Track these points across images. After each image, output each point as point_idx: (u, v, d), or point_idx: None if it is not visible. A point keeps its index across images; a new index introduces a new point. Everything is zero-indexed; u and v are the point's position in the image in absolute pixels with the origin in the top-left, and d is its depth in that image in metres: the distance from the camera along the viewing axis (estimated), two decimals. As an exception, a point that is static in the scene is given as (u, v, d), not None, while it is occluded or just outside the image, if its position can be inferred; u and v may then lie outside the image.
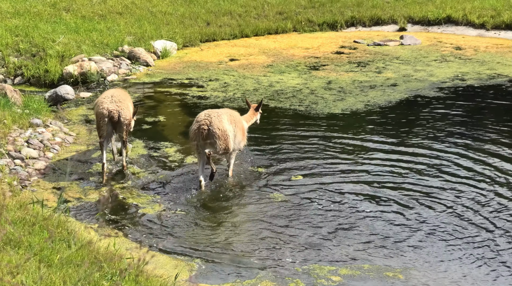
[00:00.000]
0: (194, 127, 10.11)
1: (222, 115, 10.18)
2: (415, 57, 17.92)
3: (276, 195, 10.00)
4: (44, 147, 11.38)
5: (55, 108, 13.61)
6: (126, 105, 10.70)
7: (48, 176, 10.51)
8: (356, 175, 10.63)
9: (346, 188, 10.18)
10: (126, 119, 10.56)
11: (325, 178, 10.52)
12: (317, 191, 10.08)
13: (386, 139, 12.13)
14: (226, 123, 10.14)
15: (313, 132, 12.48)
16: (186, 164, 11.03)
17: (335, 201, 9.80)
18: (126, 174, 10.70)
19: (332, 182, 10.38)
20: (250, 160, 11.29)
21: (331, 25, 21.14)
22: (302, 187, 10.24)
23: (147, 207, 9.61)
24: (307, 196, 9.96)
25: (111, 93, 10.89)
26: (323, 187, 10.21)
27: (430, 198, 9.85)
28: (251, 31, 20.12)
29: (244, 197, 9.99)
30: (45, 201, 9.35)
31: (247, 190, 10.22)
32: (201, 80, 15.79)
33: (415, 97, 14.53)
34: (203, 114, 10.20)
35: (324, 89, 15.06)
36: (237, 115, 10.61)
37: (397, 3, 22.39)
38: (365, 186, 10.25)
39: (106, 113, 10.50)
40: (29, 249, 6.83)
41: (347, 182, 10.37)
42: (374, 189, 10.17)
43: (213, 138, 9.97)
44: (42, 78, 15.37)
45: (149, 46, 17.60)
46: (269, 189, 10.21)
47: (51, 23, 18.23)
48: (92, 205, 9.70)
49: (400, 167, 10.93)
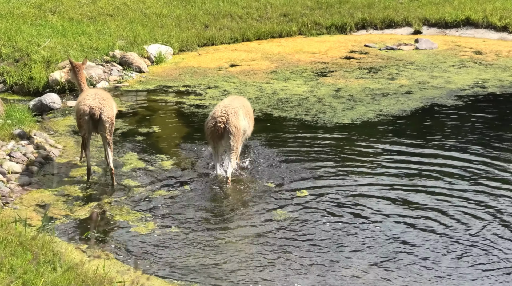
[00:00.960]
0: (210, 124, 10.76)
1: (239, 111, 10.87)
2: (432, 63, 17.92)
3: (279, 212, 9.96)
4: (28, 161, 11.36)
5: (40, 118, 13.60)
6: (109, 104, 10.87)
7: (32, 193, 10.48)
8: (367, 191, 10.59)
9: (356, 205, 10.13)
10: (108, 117, 10.71)
11: (333, 194, 10.47)
12: (324, 208, 10.03)
13: (401, 152, 12.09)
14: (242, 119, 10.87)
15: (320, 143, 12.45)
16: (183, 179, 11.00)
17: (343, 219, 9.74)
18: (115, 188, 10.70)
19: (340, 198, 10.33)
20: (251, 173, 11.26)
21: (339, 28, 21.18)
22: (307, 204, 10.20)
23: (139, 225, 9.57)
24: (312, 213, 9.91)
25: (94, 92, 11.13)
26: (330, 204, 10.16)
27: (453, 219, 9.78)
28: (253, 34, 20.15)
29: (244, 215, 9.95)
30: (29, 220, 9.32)
31: (248, 207, 10.19)
32: (199, 88, 15.79)
33: (431, 106, 14.52)
34: (219, 109, 10.83)
35: (332, 97, 15.06)
36: (248, 104, 11.45)
37: (412, 4, 22.43)
38: (377, 203, 10.21)
39: (87, 109, 10.64)
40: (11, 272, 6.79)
41: (357, 199, 10.32)
42: (387, 206, 10.12)
43: (228, 135, 10.68)
44: (26, 85, 15.37)
45: (142, 51, 17.61)
46: (272, 205, 10.17)
47: (36, 25, 18.26)
48: (80, 223, 9.66)
49: (416, 182, 10.89)
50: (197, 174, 11.20)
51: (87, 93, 11.08)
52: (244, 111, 11.07)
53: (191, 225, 9.62)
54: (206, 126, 10.91)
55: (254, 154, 11.94)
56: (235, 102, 11.21)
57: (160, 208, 10.09)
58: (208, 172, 11.23)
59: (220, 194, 10.58)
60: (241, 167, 11.41)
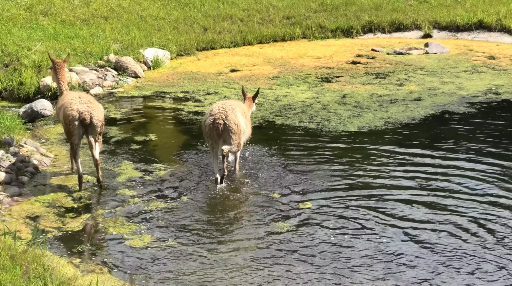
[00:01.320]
0: (209, 122, 10.86)
1: (236, 108, 10.99)
2: (442, 68, 17.93)
3: (281, 224, 9.94)
4: (18, 171, 11.36)
5: (30, 126, 13.61)
6: (97, 106, 10.96)
7: (22, 204, 10.48)
8: (374, 203, 10.55)
9: (362, 218, 10.10)
10: (99, 120, 10.82)
11: (337, 206, 10.45)
12: (328, 221, 10.01)
13: (409, 162, 12.08)
14: (240, 117, 10.95)
15: (324, 153, 12.43)
16: (181, 190, 10.99)
17: (348, 232, 9.71)
18: (103, 190, 10.78)
19: (346, 211, 10.30)
20: (252, 184, 11.25)
21: (345, 31, 21.24)
22: (311, 216, 10.17)
23: (134, 238, 9.56)
24: (316, 225, 9.88)
25: (77, 95, 11.13)
26: (335, 216, 10.14)
27: (465, 232, 9.76)
28: (255, 38, 20.20)
29: (244, 227, 9.93)
30: (18, 233, 9.31)
31: (248, 218, 10.17)
32: (198, 94, 15.80)
33: (442, 113, 14.52)
34: (216, 107, 10.95)
35: (337, 104, 15.06)
36: (244, 107, 11.53)
37: (421, 6, 22.48)
38: (384, 215, 10.19)
39: (76, 115, 10.70)
40: (0, 287, 6.79)
41: (363, 211, 10.30)
42: (394, 219, 10.10)
43: (228, 133, 10.78)
44: (16, 91, 15.39)
45: (138, 55, 17.64)
46: (273, 217, 10.15)
47: (27, 28, 18.29)
48: (72, 235, 9.65)
49: (425, 194, 10.86)
50: (195, 184, 11.19)
51: (71, 97, 11.04)
52: (241, 111, 11.17)
53: (189, 238, 9.60)
54: (204, 124, 10.99)
55: (255, 164, 11.93)
56: (232, 101, 11.41)
57: (157, 220, 10.07)
58: (207, 182, 11.22)
59: (220, 205, 10.57)
60: (241, 176, 11.41)
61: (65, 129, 10.95)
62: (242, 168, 11.73)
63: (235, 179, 11.40)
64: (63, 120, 10.93)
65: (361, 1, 22.72)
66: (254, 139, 12.91)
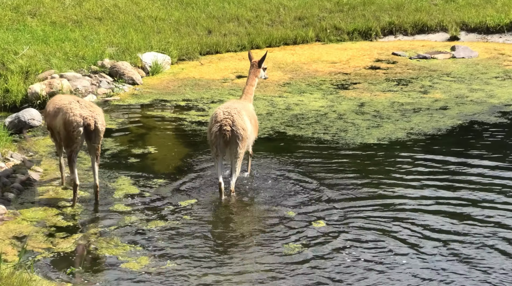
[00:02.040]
0: (215, 129, 10.96)
1: (242, 111, 11.10)
2: (471, 74, 17.93)
3: (292, 246, 9.93)
4: (3, 187, 11.39)
5: (17, 137, 13.65)
6: (99, 110, 11.09)
7: (8, 223, 10.49)
8: (392, 222, 10.51)
9: (380, 239, 10.06)
10: (103, 125, 10.94)
11: (353, 225, 10.42)
12: (343, 241, 9.99)
13: (435, 177, 12.06)
14: (247, 121, 11.10)
15: (340, 167, 12.43)
16: (182, 207, 11.00)
17: (365, 254, 9.68)
18: (102, 215, 10.75)
19: (362, 233, 10.25)
20: (259, 200, 11.27)
21: (363, 34, 21.26)
22: (324, 236, 10.15)
23: (130, 260, 9.57)
24: (330, 246, 9.85)
25: (74, 99, 11.23)
26: (350, 236, 10.12)
27: (495, 251, 9.74)
28: (263, 41, 20.23)
29: (251, 248, 9.90)
30: (4, 255, 9.32)
31: (256, 238, 10.16)
32: (201, 102, 15.83)
33: (471, 124, 14.51)
34: (221, 112, 11.04)
35: (355, 113, 15.07)
36: (250, 107, 11.68)
37: (447, 6, 22.49)
38: (404, 236, 10.16)
39: (80, 120, 10.77)
40: (-16, 314, 6.80)
41: (382, 232, 10.26)
42: (417, 240, 10.07)
43: (236, 139, 10.91)
44: (1, 99, 15.44)
45: (136, 60, 17.70)
46: (283, 236, 10.14)
47: (13, 30, 18.38)
48: (63, 257, 9.66)
49: (453, 212, 10.83)
50: (198, 201, 11.20)
51: (69, 101, 11.10)
52: (247, 114, 11.28)
53: (191, 261, 9.60)
54: (210, 132, 11.07)
55: (264, 178, 11.95)
56: (236, 104, 11.41)
57: (155, 241, 10.07)
58: (211, 199, 11.24)
59: (225, 224, 10.58)
60: (249, 191, 11.49)
61: (66, 137, 10.92)
62: (250, 182, 11.74)
63: (242, 194, 11.43)
64: (63, 127, 10.92)
65: (380, 0, 22.74)
66: (264, 151, 12.95)
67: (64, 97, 11.53)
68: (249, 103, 11.86)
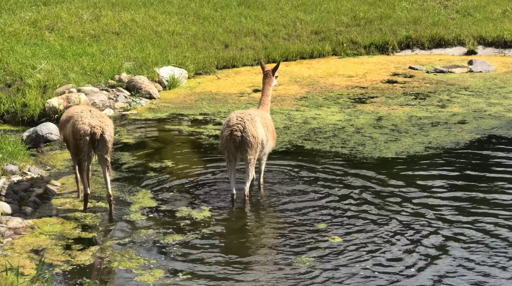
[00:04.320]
0: (226, 133, 11.20)
1: (256, 118, 11.29)
2: (489, 88, 17.86)
3: (304, 259, 9.88)
4: (21, 201, 11.39)
5: (35, 152, 13.67)
6: (109, 121, 11.26)
7: (25, 237, 10.49)
8: (415, 240, 10.41)
9: (400, 257, 9.97)
10: (110, 136, 11.08)
11: (370, 242, 10.33)
12: (359, 257, 9.91)
13: (453, 191, 11.99)
14: (260, 128, 11.27)
15: (358, 181, 12.38)
16: (199, 221, 10.97)
17: (378, 272, 9.59)
18: (117, 225, 10.82)
19: (379, 247, 10.17)
20: (276, 213, 11.25)
21: (380, 48, 21.26)
22: (339, 251, 10.08)
23: (144, 273, 9.54)
24: (344, 262, 9.79)
25: (87, 108, 11.41)
26: (366, 252, 10.04)
27: None
28: (280, 55, 20.24)
29: (266, 262, 9.82)
30: (21, 268, 9.31)
31: (270, 252, 10.11)
32: (218, 116, 15.83)
33: (489, 138, 14.44)
34: (234, 117, 11.29)
35: (373, 127, 15.03)
36: (267, 116, 11.82)
37: (465, 20, 22.47)
38: (424, 253, 10.08)
39: (87, 129, 10.93)
40: (1, 328, 6.78)
41: (398, 249, 10.18)
42: (437, 255, 10.00)
43: (245, 146, 11.12)
44: (19, 113, 15.49)
45: (153, 74, 17.72)
46: (299, 251, 10.07)
47: (31, 45, 18.45)
48: (81, 270, 9.63)
49: (472, 229, 10.72)
50: (214, 214, 11.17)
51: (79, 110, 11.28)
52: (262, 121, 11.45)
53: (204, 274, 9.55)
54: (221, 136, 11.34)
55: (281, 192, 11.92)
56: (252, 111, 11.60)
57: (170, 254, 10.04)
58: (227, 213, 11.21)
59: (239, 238, 10.53)
60: (266, 205, 11.47)
61: (73, 145, 11.14)
62: (267, 197, 11.71)
63: (258, 207, 11.43)
64: (72, 135, 11.11)
65: (397, 14, 22.75)
66: (281, 164, 12.94)
67: (78, 107, 11.73)
68: (266, 112, 11.95)
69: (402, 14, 22.79)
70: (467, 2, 24.05)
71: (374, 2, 23.84)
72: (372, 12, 22.86)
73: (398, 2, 23.85)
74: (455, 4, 23.89)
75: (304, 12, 22.86)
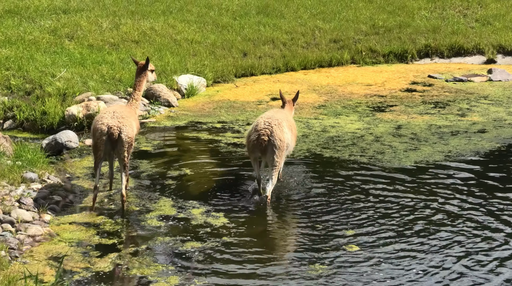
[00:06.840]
0: (253, 138, 11.55)
1: (283, 123, 11.65)
2: (508, 97, 17.80)
3: (318, 267, 9.84)
4: (40, 208, 11.41)
5: (54, 159, 13.70)
6: (129, 123, 11.41)
7: (44, 244, 10.51)
8: (435, 252, 10.34)
9: (412, 269, 9.91)
10: (128, 137, 11.27)
11: (387, 252, 10.27)
12: (376, 267, 9.86)
13: (474, 201, 11.92)
14: (286, 132, 11.62)
15: (377, 189, 12.34)
16: (217, 228, 10.96)
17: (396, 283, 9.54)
18: (126, 211, 11.09)
19: (398, 257, 10.11)
20: (296, 221, 11.26)
21: (399, 56, 21.22)
22: (356, 260, 10.03)
23: (160, 280, 9.53)
24: (361, 271, 9.74)
25: (113, 109, 11.69)
26: (384, 262, 9.98)
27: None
28: (298, 63, 20.25)
29: (284, 276, 9.78)
30: (41, 275, 9.33)
31: (284, 259, 10.11)
32: (237, 124, 15.82)
33: (509, 147, 14.39)
34: (262, 121, 11.63)
35: (392, 136, 14.99)
36: (291, 119, 12.30)
37: (484, 29, 22.39)
38: (443, 263, 10.02)
39: (105, 129, 11.19)
40: (21, 335, 6.78)
41: (414, 258, 10.11)
42: (456, 266, 9.93)
43: (272, 149, 11.43)
44: (39, 121, 15.54)
45: (171, 82, 17.75)
46: (317, 258, 10.03)
47: (51, 53, 18.52)
48: (100, 277, 9.64)
49: (491, 237, 10.66)
50: (232, 221, 11.16)
51: (105, 111, 11.63)
52: (288, 124, 11.82)
53: (219, 280, 9.54)
54: (248, 139, 11.70)
55: (299, 199, 11.91)
56: (278, 114, 11.91)
57: (187, 261, 10.05)
58: (245, 220, 11.21)
59: (257, 245, 10.50)
60: (284, 214, 11.50)
61: (93, 144, 11.46)
62: (285, 206, 11.70)
63: (277, 214, 11.47)
64: (92, 134, 11.49)
65: (417, 23, 22.70)
66: (300, 172, 12.94)
67: (111, 107, 12.13)
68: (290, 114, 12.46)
69: (421, 22, 22.74)
70: (486, 10, 23.97)
71: (393, 10, 23.79)
72: (391, 20, 22.81)
73: (417, 11, 23.79)
74: (475, 13, 23.81)
75: (323, 21, 22.84)
